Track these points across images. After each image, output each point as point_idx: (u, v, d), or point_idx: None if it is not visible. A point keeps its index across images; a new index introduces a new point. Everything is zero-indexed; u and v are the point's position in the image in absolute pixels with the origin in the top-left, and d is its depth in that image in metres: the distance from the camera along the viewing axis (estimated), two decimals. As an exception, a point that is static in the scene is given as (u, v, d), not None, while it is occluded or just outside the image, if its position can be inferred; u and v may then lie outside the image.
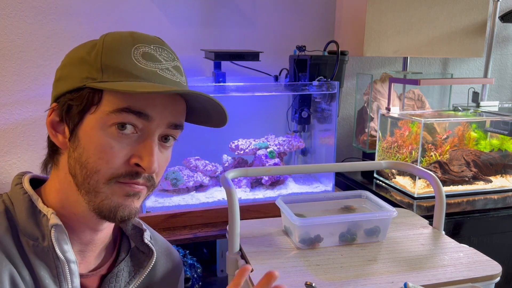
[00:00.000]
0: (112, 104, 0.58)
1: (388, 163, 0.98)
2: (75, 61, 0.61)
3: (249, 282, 0.72)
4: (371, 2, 1.44)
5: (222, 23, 1.56)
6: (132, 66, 0.59)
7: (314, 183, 1.39)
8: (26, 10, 1.34)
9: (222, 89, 1.21)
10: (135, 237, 0.74)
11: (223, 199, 1.23)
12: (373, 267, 0.76)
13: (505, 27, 1.96)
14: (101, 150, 0.58)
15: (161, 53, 0.63)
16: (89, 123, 0.59)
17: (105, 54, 0.59)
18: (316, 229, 0.83)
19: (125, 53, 0.59)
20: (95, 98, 0.58)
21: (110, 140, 0.58)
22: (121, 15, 1.44)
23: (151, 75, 0.60)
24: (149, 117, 0.59)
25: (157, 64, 0.61)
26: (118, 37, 0.61)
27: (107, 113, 0.58)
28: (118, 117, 0.58)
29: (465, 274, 0.73)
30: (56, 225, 0.59)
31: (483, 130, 1.58)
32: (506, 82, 2.05)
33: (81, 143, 0.59)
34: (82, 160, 0.58)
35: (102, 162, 0.58)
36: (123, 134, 0.59)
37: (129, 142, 0.59)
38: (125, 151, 0.59)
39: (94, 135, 0.58)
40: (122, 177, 0.59)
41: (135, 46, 0.60)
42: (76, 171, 0.59)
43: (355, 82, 1.78)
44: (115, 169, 0.59)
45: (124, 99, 0.58)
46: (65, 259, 0.60)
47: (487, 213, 1.29)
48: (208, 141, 1.44)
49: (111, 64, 0.59)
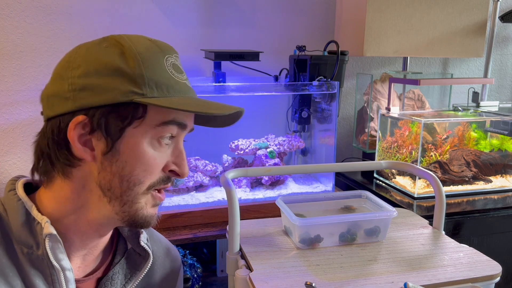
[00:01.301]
0: (158, 118, 0.59)
1: (388, 163, 0.98)
2: (109, 71, 0.57)
3: (249, 282, 0.72)
4: (371, 2, 1.44)
5: (222, 23, 1.56)
6: (170, 80, 0.60)
7: (314, 183, 1.39)
8: (26, 10, 1.34)
9: (222, 89, 1.21)
10: (132, 238, 0.73)
11: (223, 199, 1.23)
12: (373, 267, 0.76)
13: (505, 27, 1.96)
14: (146, 163, 0.59)
15: (179, 62, 0.65)
16: (133, 137, 0.58)
17: (146, 67, 0.58)
18: (316, 229, 0.83)
19: (161, 65, 0.60)
20: (139, 112, 0.58)
21: (154, 152, 0.60)
22: (121, 15, 1.44)
23: (184, 87, 0.62)
24: (186, 126, 0.63)
25: (183, 75, 0.64)
26: (146, 45, 0.61)
27: (153, 126, 0.59)
28: (164, 130, 0.60)
29: (465, 274, 0.73)
30: (51, 235, 0.58)
31: (483, 130, 1.58)
32: (506, 82, 2.05)
33: (121, 157, 0.58)
34: (125, 173, 0.59)
35: (146, 174, 0.60)
36: (164, 144, 0.61)
37: (166, 151, 0.62)
38: (163, 160, 0.62)
39: (139, 148, 0.59)
40: (158, 185, 0.62)
41: (166, 57, 0.61)
42: (113, 185, 0.59)
43: (355, 82, 1.78)
44: (154, 179, 0.61)
45: (169, 112, 0.60)
46: (61, 267, 0.59)
47: (487, 213, 1.29)
48: (208, 141, 1.44)
49: (154, 78, 0.58)
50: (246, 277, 0.73)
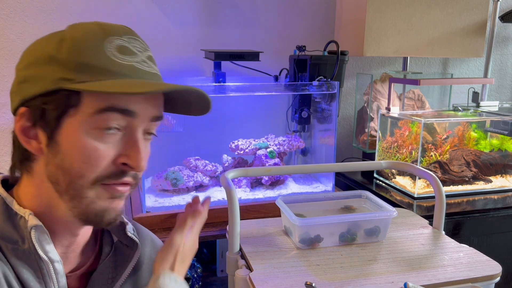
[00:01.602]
0: (93, 105, 0.55)
1: (388, 163, 0.98)
2: (42, 59, 0.56)
3: (249, 282, 0.72)
4: (371, 2, 1.44)
5: (222, 23, 1.56)
6: (108, 62, 0.55)
7: (314, 183, 1.39)
8: (26, 10, 1.34)
9: (222, 89, 1.21)
10: (117, 231, 0.72)
11: (223, 199, 1.23)
12: (373, 267, 0.76)
13: (505, 27, 1.96)
14: (86, 154, 0.55)
15: (134, 44, 0.59)
16: (70, 127, 0.55)
17: (78, 51, 0.55)
18: (316, 229, 0.83)
19: (99, 48, 0.55)
20: (72, 100, 0.55)
21: (94, 142, 0.55)
22: (121, 15, 1.44)
23: (129, 70, 0.57)
24: (133, 113, 0.57)
25: (133, 57, 0.58)
26: (87, 30, 0.57)
27: (90, 114, 0.55)
28: (101, 118, 0.55)
29: (465, 274, 0.73)
30: (36, 226, 0.57)
31: (483, 130, 1.58)
32: (506, 82, 2.05)
33: (62, 148, 0.56)
34: (65, 166, 0.56)
35: (87, 166, 0.55)
36: (108, 134, 0.56)
37: (114, 142, 0.57)
38: (111, 151, 0.57)
39: (76, 139, 0.55)
40: (107, 179, 0.57)
41: (107, 39, 0.57)
42: (58, 178, 0.57)
43: (355, 82, 1.78)
44: (100, 172, 0.56)
45: (106, 98, 0.55)
46: (49, 259, 0.58)
47: (487, 213, 1.29)
48: (208, 141, 1.44)
49: (86, 62, 0.55)
50: (246, 277, 0.73)
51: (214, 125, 1.50)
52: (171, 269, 0.68)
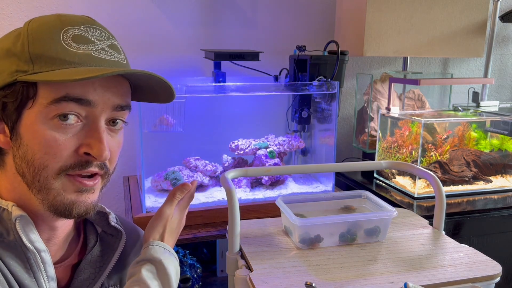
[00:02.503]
0: (49, 95, 0.55)
1: (388, 163, 0.98)
2: (1, 54, 0.57)
3: (249, 282, 0.72)
4: (371, 2, 1.44)
5: (222, 23, 1.56)
6: (63, 52, 0.56)
7: (314, 183, 1.39)
8: (26, 10, 1.34)
9: (222, 89, 1.21)
10: (100, 221, 0.73)
11: (223, 199, 1.23)
12: (373, 267, 0.76)
13: (505, 27, 1.96)
14: (46, 145, 0.56)
15: (93, 33, 0.59)
16: (29, 119, 0.56)
17: (32, 43, 0.55)
18: (316, 229, 0.83)
19: (54, 38, 0.56)
20: (30, 91, 0.55)
21: (53, 133, 0.56)
22: (121, 15, 1.44)
23: (86, 58, 0.57)
24: (91, 103, 0.57)
25: (90, 45, 0.58)
26: (44, 22, 0.58)
27: (45, 105, 0.55)
28: (58, 108, 0.55)
29: (465, 274, 0.73)
30: (21, 216, 0.58)
31: (483, 130, 1.58)
32: (506, 82, 2.05)
33: (23, 141, 0.56)
34: (28, 157, 0.56)
35: (49, 157, 0.56)
36: (67, 124, 0.56)
37: (75, 132, 0.57)
38: (71, 141, 0.57)
39: (36, 130, 0.56)
40: (71, 169, 0.57)
41: (64, 29, 0.57)
42: (24, 170, 0.57)
43: (355, 82, 1.78)
44: (63, 162, 0.57)
45: (61, 88, 0.55)
46: (35, 249, 0.58)
47: (487, 213, 1.29)
48: (208, 141, 1.44)
49: (40, 53, 0.55)
50: (246, 277, 0.73)
51: (214, 125, 1.50)
52: (161, 238, 0.71)
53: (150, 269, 0.66)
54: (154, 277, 0.66)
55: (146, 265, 0.66)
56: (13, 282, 0.56)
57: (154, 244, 0.69)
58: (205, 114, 1.49)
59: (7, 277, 0.56)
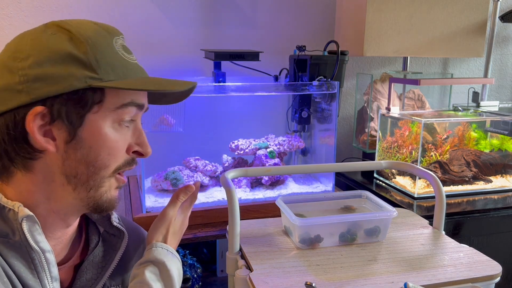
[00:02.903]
0: (117, 101, 0.60)
1: (388, 163, 0.98)
2: (61, 58, 0.56)
3: (249, 282, 0.72)
4: (371, 2, 1.44)
5: (222, 23, 1.56)
6: (122, 61, 0.61)
7: (314, 183, 1.39)
8: (26, 10, 1.34)
9: (222, 89, 1.21)
10: (102, 221, 0.74)
11: (223, 199, 1.23)
12: (373, 267, 0.76)
13: (505, 27, 1.96)
14: (110, 147, 0.60)
15: (125, 43, 0.65)
16: (94, 122, 0.59)
17: (98, 51, 0.58)
18: (316, 229, 0.83)
19: (112, 47, 0.60)
20: (97, 97, 0.58)
21: (116, 135, 0.61)
22: (121, 15, 1.44)
23: (136, 68, 0.63)
24: (143, 107, 0.64)
25: (132, 55, 0.64)
26: (93, 29, 0.60)
27: (113, 110, 0.60)
28: (123, 112, 0.60)
29: (465, 274, 0.73)
30: (27, 216, 0.58)
31: (483, 130, 1.58)
32: (506, 82, 2.05)
33: (85, 144, 0.59)
34: (90, 159, 0.59)
35: (111, 157, 0.61)
36: (124, 127, 0.62)
37: (127, 133, 0.63)
38: (125, 142, 0.63)
39: (101, 133, 0.59)
40: (123, 167, 0.63)
41: (114, 38, 0.61)
42: (79, 171, 0.60)
43: (355, 82, 1.78)
44: (119, 162, 0.62)
45: (127, 94, 0.60)
46: (40, 249, 0.59)
47: (487, 213, 1.29)
48: (208, 141, 1.44)
49: (107, 61, 0.59)
50: (246, 277, 0.73)
51: (214, 125, 1.50)
52: (164, 240, 0.73)
53: (153, 271, 0.67)
54: (157, 278, 0.67)
55: (149, 267, 0.67)
56: (16, 283, 0.57)
57: (157, 245, 0.71)
58: (205, 114, 1.49)
59: (11, 278, 0.56)
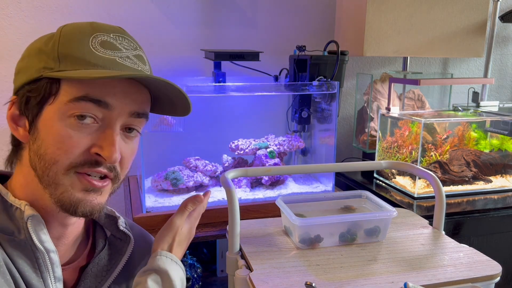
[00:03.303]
0: (70, 94, 0.57)
1: (388, 163, 0.98)
2: (33, 52, 0.61)
3: (249, 282, 0.72)
4: (371, 2, 1.44)
5: (222, 23, 1.56)
6: (89, 55, 0.58)
7: (314, 183, 1.39)
8: (26, 10, 1.34)
9: (222, 89, 1.21)
10: (109, 225, 0.74)
11: (223, 199, 1.23)
12: (373, 267, 0.76)
13: (505, 27, 1.96)
14: (60, 141, 0.57)
15: (121, 41, 0.62)
16: (48, 114, 0.58)
17: (62, 44, 0.58)
18: (316, 229, 0.83)
19: (83, 41, 0.59)
20: (53, 88, 0.57)
21: (69, 130, 0.57)
22: (121, 15, 1.44)
23: (110, 63, 0.59)
24: (108, 106, 0.58)
25: (116, 52, 0.60)
26: (76, 26, 0.61)
27: (65, 102, 0.57)
28: (76, 107, 0.57)
29: (465, 274, 0.73)
30: (33, 216, 0.58)
31: (483, 130, 1.58)
32: (506, 82, 2.05)
33: (40, 135, 0.58)
34: (41, 151, 0.58)
35: (60, 153, 0.57)
36: (83, 124, 0.58)
37: (90, 132, 0.58)
38: (85, 140, 0.58)
39: (52, 125, 0.57)
40: (81, 166, 0.58)
41: (94, 35, 0.60)
42: (35, 164, 0.59)
43: (355, 82, 1.78)
44: (73, 159, 0.58)
45: (82, 87, 0.57)
46: (45, 249, 0.59)
47: (487, 213, 1.29)
48: (208, 141, 1.44)
49: (68, 53, 0.58)
50: (246, 277, 0.73)
51: (214, 125, 1.50)
52: (169, 249, 0.71)
53: (156, 280, 0.67)
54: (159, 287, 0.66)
55: (152, 275, 0.67)
56: (20, 281, 0.57)
57: (162, 254, 0.70)
58: (205, 114, 1.49)
59: (15, 276, 0.57)
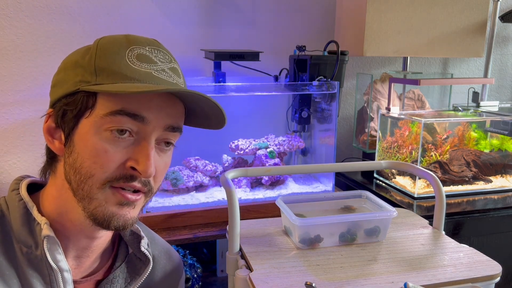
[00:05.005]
0: (106, 107, 0.57)
1: (388, 163, 0.98)
2: (70, 65, 0.61)
3: (249, 282, 0.72)
4: (371, 2, 1.44)
5: (222, 23, 1.56)
6: (125, 68, 0.58)
7: (314, 183, 1.39)
8: (26, 10, 1.34)
9: (222, 89, 1.21)
10: (133, 243, 0.73)
11: (223, 199, 1.23)
12: (373, 267, 0.76)
13: (505, 27, 1.96)
14: (95, 155, 0.57)
15: (157, 54, 0.61)
16: (84, 128, 0.58)
17: (99, 57, 0.58)
18: (316, 229, 0.83)
19: (119, 55, 0.58)
20: (89, 101, 0.57)
21: (104, 144, 0.57)
22: (121, 15, 1.44)
23: (146, 76, 0.58)
24: (144, 119, 0.58)
25: (152, 65, 0.60)
26: (112, 39, 0.60)
27: (101, 116, 0.57)
28: (112, 120, 0.57)
29: (465, 274, 0.73)
30: (48, 236, 0.59)
31: (483, 130, 1.58)
32: (506, 82, 2.05)
33: (75, 148, 0.58)
34: (77, 165, 0.57)
35: (96, 167, 0.57)
36: (119, 137, 0.57)
37: (125, 146, 0.58)
38: (120, 154, 0.58)
39: (88, 139, 0.57)
40: (116, 181, 0.58)
41: (130, 48, 0.59)
42: (71, 177, 0.58)
43: (355, 82, 1.78)
44: (109, 173, 0.57)
45: (119, 101, 0.56)
46: (58, 268, 0.59)
47: (487, 213, 1.29)
48: (208, 141, 1.44)
49: (105, 66, 0.57)
50: (246, 277, 0.73)
51: (214, 125, 1.50)
52: None
53: None
54: None
55: None
56: None
57: None
58: (205, 114, 1.49)
59: None
